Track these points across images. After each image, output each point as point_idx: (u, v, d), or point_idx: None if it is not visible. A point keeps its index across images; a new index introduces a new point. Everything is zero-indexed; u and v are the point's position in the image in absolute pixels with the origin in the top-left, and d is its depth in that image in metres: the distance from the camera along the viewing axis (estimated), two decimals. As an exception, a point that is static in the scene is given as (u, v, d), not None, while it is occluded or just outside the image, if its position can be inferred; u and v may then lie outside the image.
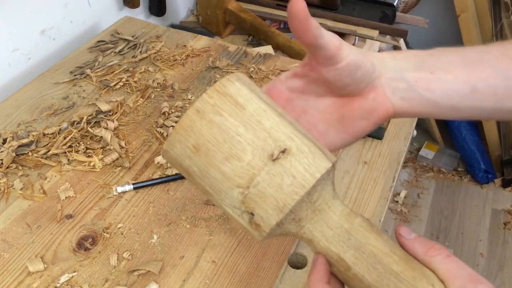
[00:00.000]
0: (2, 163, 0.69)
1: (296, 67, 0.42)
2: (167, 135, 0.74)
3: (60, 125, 0.76)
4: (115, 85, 0.85)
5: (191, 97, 0.83)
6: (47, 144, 0.72)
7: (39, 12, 0.92)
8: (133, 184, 0.67)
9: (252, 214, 0.36)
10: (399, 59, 0.41)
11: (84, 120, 0.75)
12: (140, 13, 1.18)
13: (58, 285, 0.55)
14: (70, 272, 0.57)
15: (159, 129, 0.76)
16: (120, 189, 0.66)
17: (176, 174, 0.68)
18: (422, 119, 2.05)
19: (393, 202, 1.90)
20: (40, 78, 0.87)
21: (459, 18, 1.75)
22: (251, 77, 0.87)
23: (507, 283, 1.66)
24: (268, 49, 1.05)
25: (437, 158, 2.07)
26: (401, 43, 1.45)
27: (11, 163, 0.70)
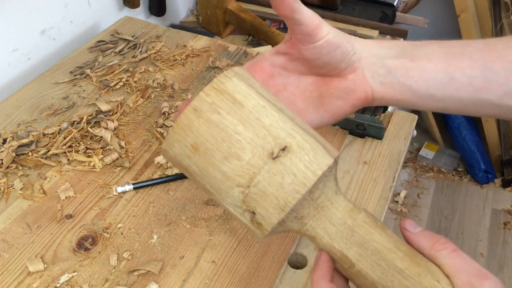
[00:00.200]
0: (2, 163, 0.69)
1: (279, 44, 0.43)
2: (167, 135, 0.74)
3: (60, 125, 0.76)
4: (115, 85, 0.85)
5: (191, 97, 0.83)
6: (47, 144, 0.72)
7: (39, 12, 0.92)
8: (133, 184, 0.67)
9: (254, 213, 0.35)
10: (383, 47, 0.42)
11: (84, 120, 0.75)
12: (140, 13, 1.18)
13: (58, 285, 0.55)
14: (70, 272, 0.57)
15: (159, 129, 0.76)
16: (120, 189, 0.66)
17: (176, 174, 0.68)
18: (422, 119, 2.05)
19: (393, 202, 1.90)
20: (40, 78, 0.87)
21: (459, 18, 1.74)
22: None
23: (507, 283, 1.66)
24: (268, 49, 1.05)
25: (437, 158, 2.07)
26: (401, 43, 1.45)
27: (11, 163, 0.70)
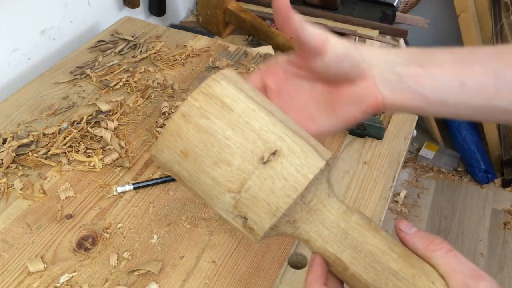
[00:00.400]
0: (2, 163, 0.69)
1: (290, 54, 0.43)
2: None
3: (60, 125, 0.76)
4: (115, 85, 0.85)
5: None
6: (47, 144, 0.72)
7: (39, 12, 0.92)
8: (133, 184, 0.67)
9: (246, 218, 0.35)
10: (392, 55, 0.42)
11: (84, 120, 0.75)
12: (140, 13, 1.18)
13: (58, 285, 0.55)
14: (70, 272, 0.57)
15: (159, 129, 0.76)
16: (120, 189, 0.66)
17: (176, 174, 0.68)
18: (422, 119, 2.05)
19: (393, 202, 1.90)
20: (40, 78, 0.87)
21: (459, 18, 1.74)
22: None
23: (507, 283, 1.66)
24: (268, 49, 1.05)
25: (437, 158, 2.07)
26: (401, 43, 1.45)
27: (11, 163, 0.70)
